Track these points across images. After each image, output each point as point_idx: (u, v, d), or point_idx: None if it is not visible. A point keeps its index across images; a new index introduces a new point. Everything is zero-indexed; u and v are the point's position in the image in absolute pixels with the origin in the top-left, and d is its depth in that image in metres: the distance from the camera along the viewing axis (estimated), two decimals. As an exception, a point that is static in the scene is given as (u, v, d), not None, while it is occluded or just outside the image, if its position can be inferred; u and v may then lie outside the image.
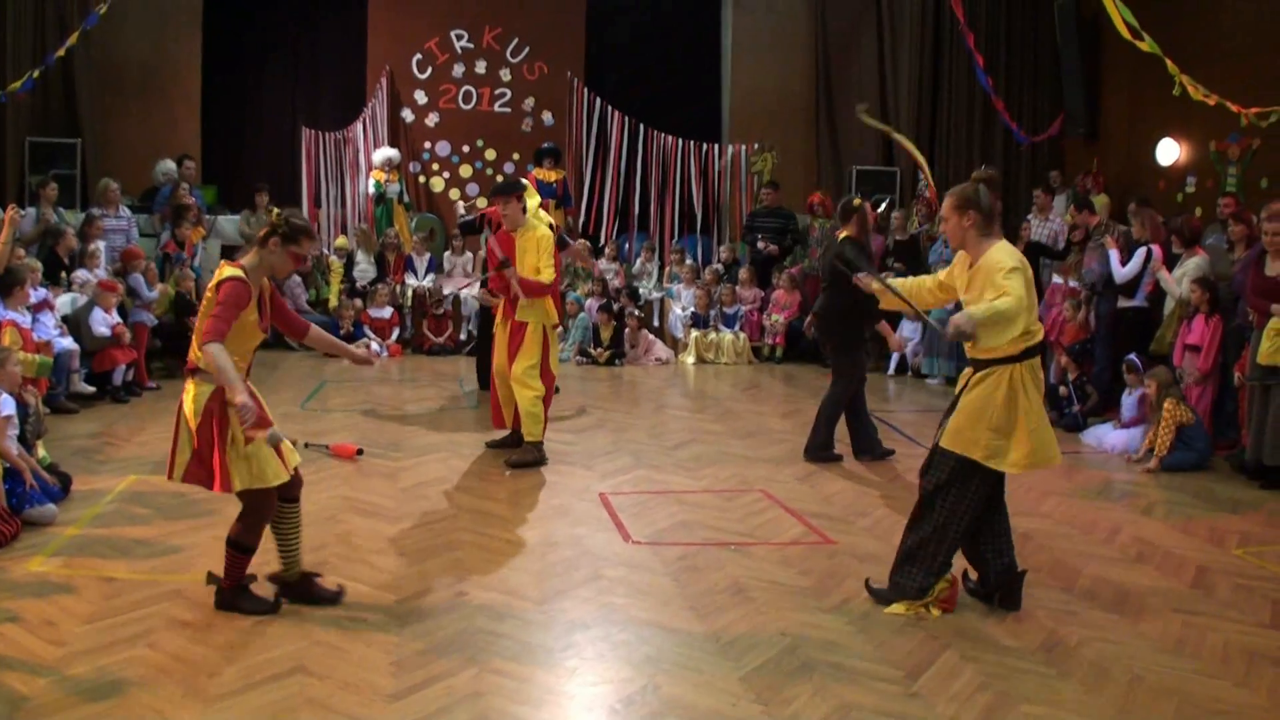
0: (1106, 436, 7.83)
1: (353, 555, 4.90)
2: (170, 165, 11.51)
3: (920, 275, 4.91)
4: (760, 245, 12.31)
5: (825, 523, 5.68)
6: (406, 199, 12.77)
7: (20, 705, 3.38)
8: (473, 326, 11.78)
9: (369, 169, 12.52)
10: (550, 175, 11.84)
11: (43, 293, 8.02)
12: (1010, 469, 4.26)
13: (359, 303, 11.62)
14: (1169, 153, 11.11)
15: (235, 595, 4.19)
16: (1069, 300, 9.14)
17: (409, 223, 12.61)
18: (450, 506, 5.82)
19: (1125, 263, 8.37)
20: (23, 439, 5.47)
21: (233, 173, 12.95)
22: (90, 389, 8.28)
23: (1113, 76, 12.09)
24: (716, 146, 13.51)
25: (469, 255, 12.27)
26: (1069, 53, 12.19)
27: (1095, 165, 12.01)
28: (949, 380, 9.91)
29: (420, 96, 13.20)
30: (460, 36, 13.22)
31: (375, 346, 10.94)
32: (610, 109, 13.29)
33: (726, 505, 5.98)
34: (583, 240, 10.70)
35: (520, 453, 6.78)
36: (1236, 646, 4.17)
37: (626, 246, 13.26)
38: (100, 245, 9.46)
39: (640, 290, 12.31)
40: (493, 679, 3.69)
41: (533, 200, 6.91)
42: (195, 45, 12.67)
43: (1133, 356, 7.89)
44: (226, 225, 11.89)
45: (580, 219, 13.17)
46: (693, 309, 11.89)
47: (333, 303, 11.74)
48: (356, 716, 3.41)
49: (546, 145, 11.98)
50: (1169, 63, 8.49)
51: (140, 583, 4.48)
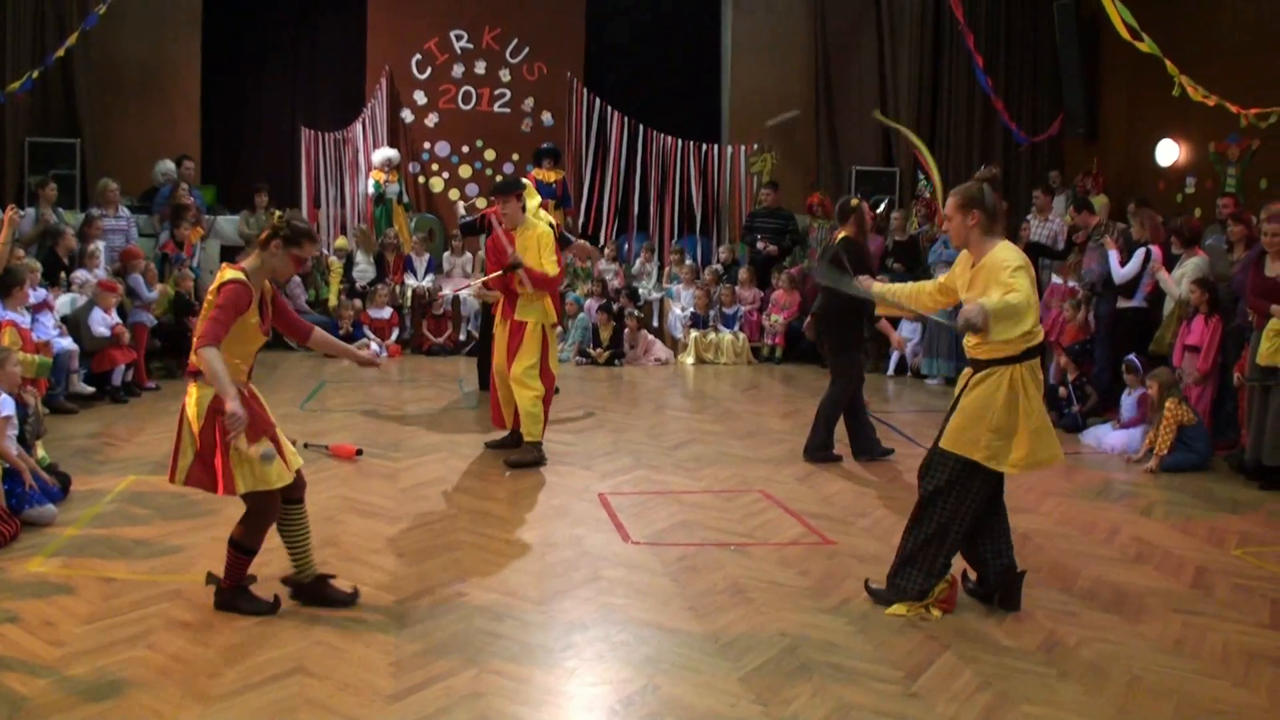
0: (1106, 437, 7.84)
1: (352, 556, 4.90)
2: (169, 165, 11.52)
3: (919, 274, 4.92)
4: (760, 245, 12.32)
5: (824, 523, 5.68)
6: (406, 199, 12.77)
7: (20, 706, 3.38)
8: (472, 327, 11.79)
9: (368, 169, 12.52)
10: (550, 176, 11.84)
11: (42, 293, 8.02)
12: (1011, 470, 4.26)
13: (358, 303, 11.62)
14: (1168, 153, 11.11)
15: (235, 596, 4.19)
16: (1068, 300, 9.15)
17: (408, 223, 12.61)
18: (449, 507, 5.82)
19: (1124, 263, 8.38)
20: (22, 439, 5.47)
21: (232, 173, 12.95)
22: (89, 389, 8.28)
23: (1112, 77, 12.09)
24: (716, 147, 13.52)
25: (468, 256, 12.27)
26: (1068, 53, 12.19)
27: (1095, 165, 12.00)
28: (948, 380, 9.91)
29: (420, 97, 13.20)
30: (460, 37, 13.23)
31: (375, 347, 10.93)
32: (610, 109, 13.29)
33: (726, 506, 5.98)
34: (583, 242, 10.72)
35: (520, 453, 6.78)
36: (1236, 647, 4.18)
37: (626, 247, 13.26)
38: (100, 245, 9.46)
39: (640, 290, 12.31)
40: (492, 679, 3.69)
41: (533, 200, 6.90)
42: (194, 45, 12.67)
43: (1132, 357, 7.90)
44: (226, 225, 11.90)
45: (580, 219, 13.17)
46: (692, 309, 11.88)
47: (332, 303, 11.74)
48: (356, 717, 3.41)
49: (546, 146, 11.98)
50: (1168, 63, 8.49)
51: (140, 583, 4.48)
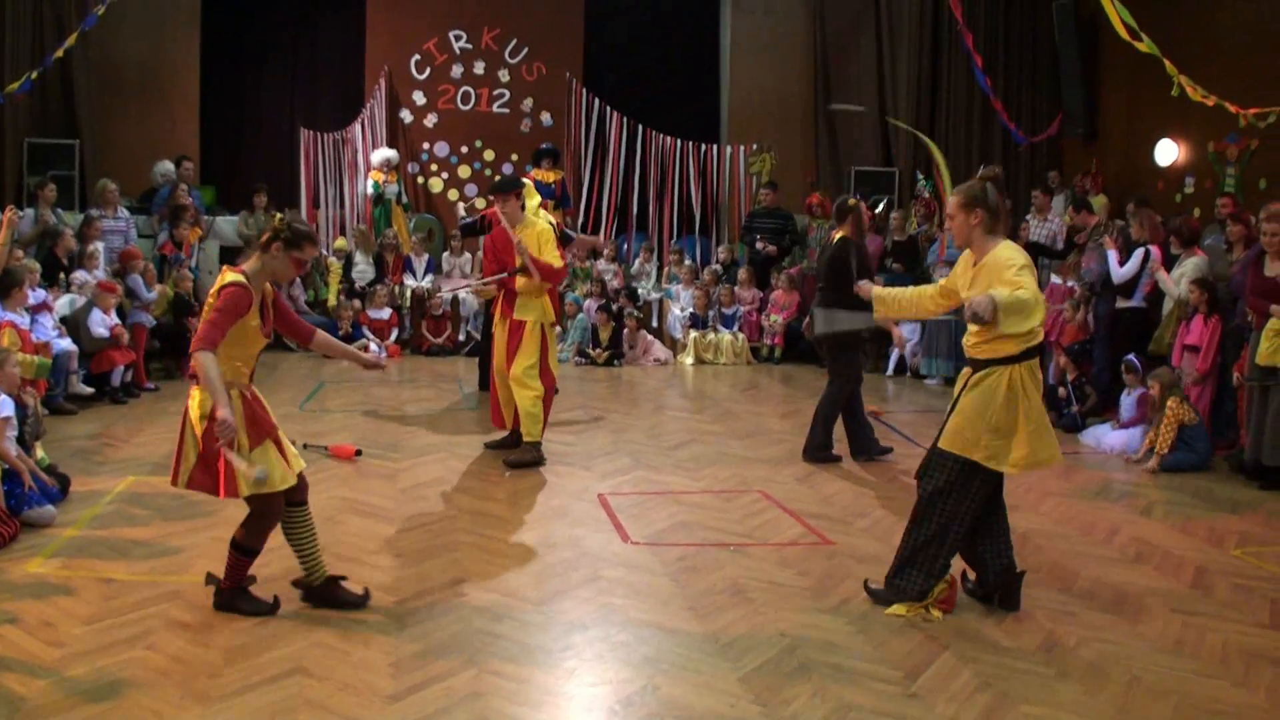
0: (1105, 437, 7.84)
1: (351, 556, 4.90)
2: (169, 166, 11.52)
3: (919, 274, 4.92)
4: (759, 246, 12.32)
5: (824, 523, 5.68)
6: (405, 200, 12.78)
7: (19, 706, 3.37)
8: (472, 328, 11.80)
9: (367, 170, 12.53)
10: (549, 176, 11.83)
11: (41, 294, 8.01)
12: (1011, 470, 4.26)
13: (357, 303, 11.62)
14: (1167, 153, 11.12)
15: (234, 596, 4.19)
16: (1068, 300, 9.15)
17: (407, 223, 12.62)
18: (449, 507, 5.81)
19: (1123, 263, 8.38)
20: (21, 440, 5.47)
21: (231, 173, 12.95)
22: (89, 390, 8.28)
23: (1111, 77, 12.10)
24: (715, 147, 13.52)
25: (467, 256, 12.27)
26: (1068, 53, 12.20)
27: (1094, 166, 12.01)
28: (948, 381, 9.92)
29: (419, 97, 13.20)
30: (459, 37, 13.23)
31: (374, 347, 10.94)
32: (609, 109, 13.30)
33: (725, 506, 5.98)
34: (583, 235, 10.77)
35: (519, 453, 6.78)
36: (1235, 647, 4.18)
37: (625, 247, 13.26)
38: (99, 246, 9.46)
39: (639, 291, 12.31)
40: (491, 680, 3.69)
41: (532, 200, 6.91)
42: (194, 46, 12.68)
43: (1131, 357, 7.91)
44: (225, 226, 11.90)
45: (579, 220, 13.17)
46: (691, 309, 11.89)
47: (331, 303, 11.74)
48: (355, 718, 3.41)
49: (545, 146, 11.98)
50: (1167, 63, 8.49)
51: (139, 584, 4.48)
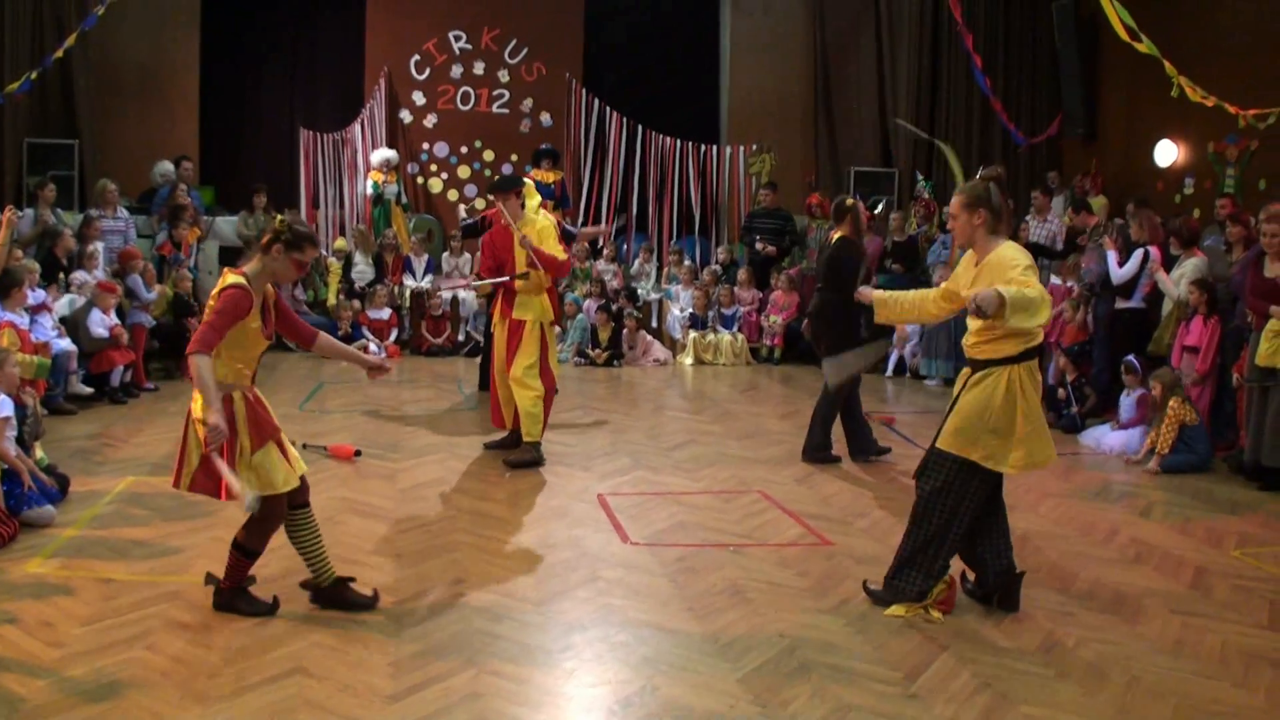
0: (1105, 438, 7.84)
1: (351, 557, 4.89)
2: (168, 166, 11.52)
3: (918, 275, 4.92)
4: (758, 246, 12.32)
5: (823, 524, 5.68)
6: (404, 200, 12.77)
7: (18, 707, 3.37)
8: (471, 328, 11.80)
9: (367, 170, 12.53)
10: (548, 176, 11.83)
11: (41, 294, 8.01)
12: (1009, 470, 4.26)
13: (357, 304, 11.62)
14: (1167, 154, 11.12)
15: (234, 596, 4.19)
16: (1067, 300, 9.15)
17: (407, 224, 12.61)
18: (448, 508, 5.81)
19: (1123, 264, 8.38)
20: (21, 440, 5.47)
21: (231, 174, 12.95)
22: (88, 390, 8.28)
23: (1111, 77, 12.10)
24: (715, 147, 13.52)
25: (467, 256, 12.26)
26: (1067, 53, 12.20)
27: (1094, 166, 12.01)
28: (947, 381, 9.92)
29: (418, 97, 13.20)
30: (459, 37, 13.23)
31: (373, 348, 10.93)
32: (608, 110, 13.30)
33: (725, 506, 5.98)
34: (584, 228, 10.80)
35: (519, 452, 6.78)
36: (1234, 647, 4.18)
37: (625, 247, 13.26)
38: (99, 246, 9.45)
39: (638, 291, 12.31)
40: (491, 680, 3.69)
41: (533, 200, 6.92)
42: (193, 46, 12.68)
43: (1131, 358, 7.91)
44: (224, 226, 11.90)
45: (579, 220, 13.17)
46: (691, 310, 11.88)
47: (331, 303, 11.74)
48: (355, 718, 3.41)
49: (544, 146, 11.99)
50: (1167, 64, 8.50)
51: (138, 584, 4.48)
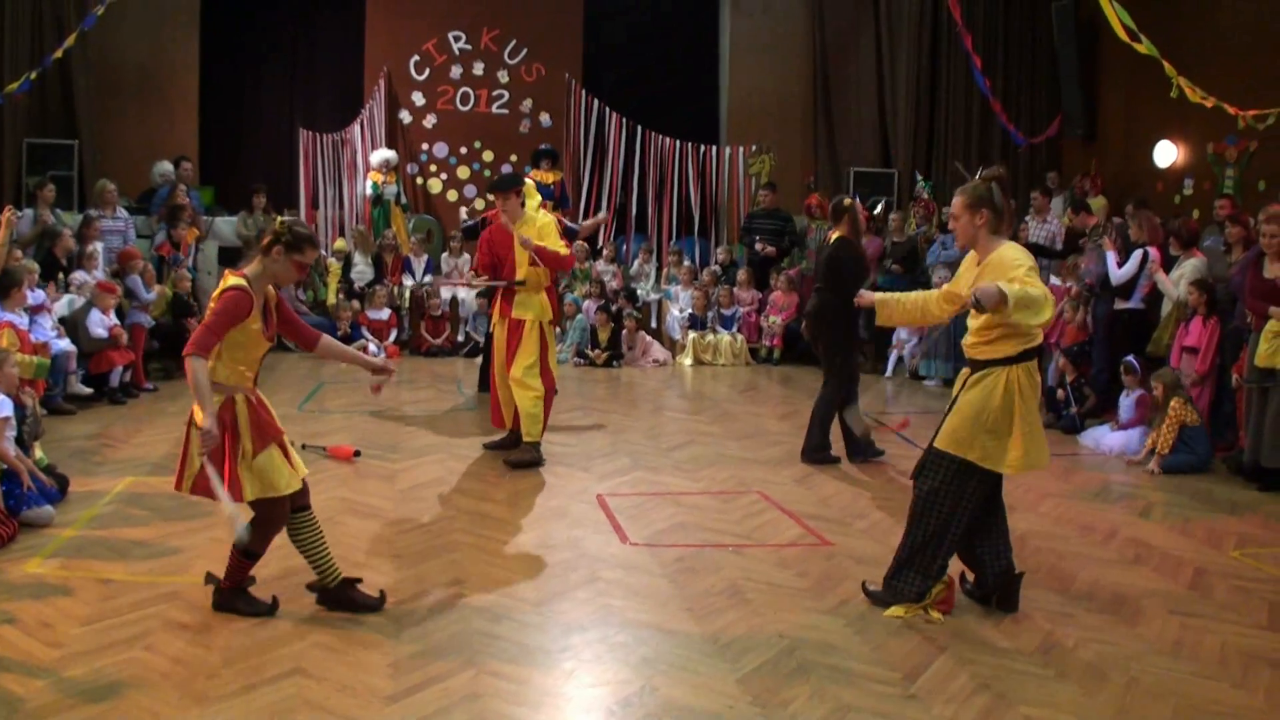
0: (1104, 438, 7.84)
1: (350, 557, 4.88)
2: (168, 166, 11.52)
3: (918, 276, 4.91)
4: (758, 247, 12.32)
5: (822, 524, 5.68)
6: (404, 200, 12.78)
7: (17, 707, 3.37)
8: (470, 328, 11.80)
9: (366, 170, 12.53)
10: (548, 177, 11.82)
11: (40, 294, 8.01)
12: (1006, 470, 4.26)
13: (356, 304, 11.62)
14: (1166, 154, 11.12)
15: (233, 597, 4.19)
16: (1066, 300, 9.15)
17: (406, 224, 12.62)
18: (448, 508, 5.81)
19: (1122, 264, 8.38)
20: (20, 440, 5.46)
21: (230, 174, 12.96)
22: (87, 390, 8.28)
23: (1110, 78, 12.10)
24: (714, 148, 13.52)
25: (466, 257, 12.26)
26: (1067, 54, 12.20)
27: (1093, 167, 12.01)
28: (946, 382, 9.91)
29: (418, 98, 13.20)
30: (458, 38, 13.24)
31: (373, 348, 10.94)
32: (608, 110, 13.30)
33: (724, 507, 5.98)
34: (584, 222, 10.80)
35: (519, 453, 6.78)
36: (1234, 648, 4.18)
37: (624, 248, 13.26)
38: (98, 247, 9.45)
39: (638, 292, 12.32)
40: (490, 681, 3.69)
41: (533, 199, 6.93)
42: (193, 46, 12.69)
43: (1130, 358, 7.91)
44: (224, 226, 11.90)
45: (578, 221, 13.16)
46: (690, 310, 11.89)
47: (330, 303, 11.74)
48: (354, 718, 3.41)
49: (544, 147, 11.99)
50: (1166, 65, 8.50)
51: (138, 584, 4.47)
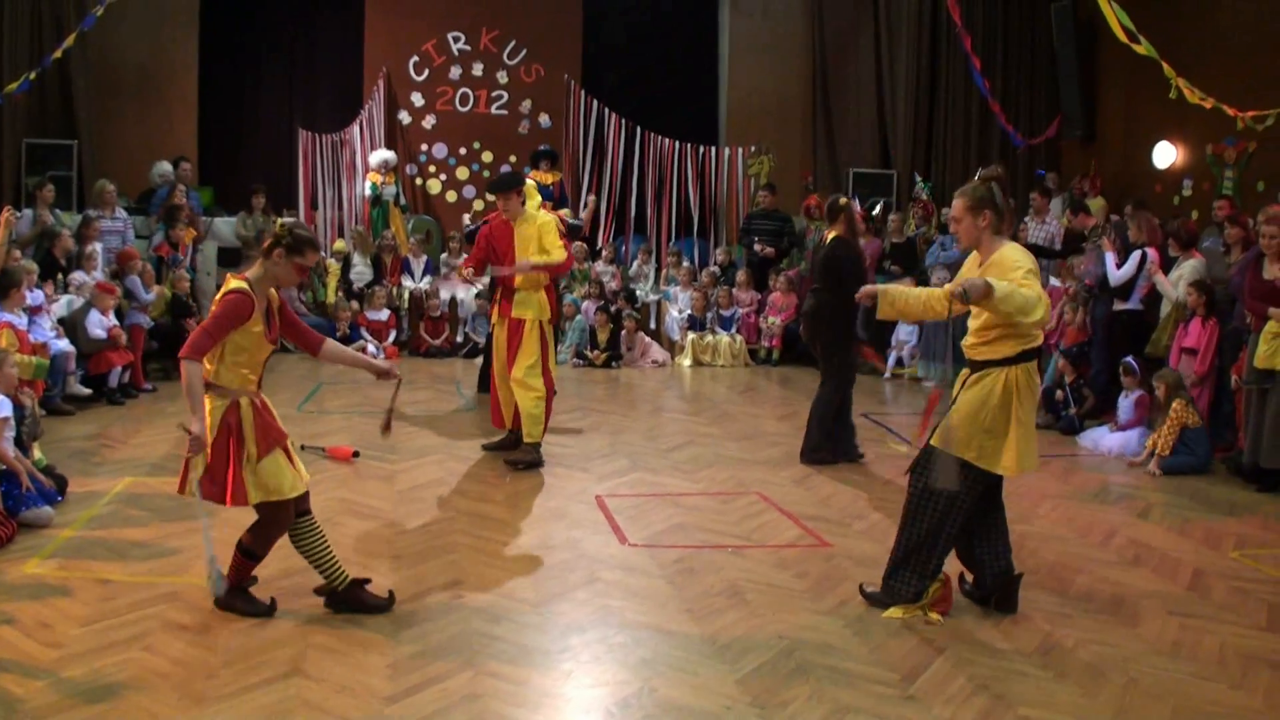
0: (1103, 439, 7.84)
1: (349, 558, 4.88)
2: (167, 167, 11.51)
3: (917, 276, 4.92)
4: (757, 248, 12.32)
5: (821, 525, 5.68)
6: (403, 201, 12.77)
7: (16, 707, 3.37)
8: (469, 329, 11.79)
9: (366, 171, 12.53)
10: (547, 178, 11.81)
11: (39, 295, 8.00)
12: (1004, 471, 4.26)
13: (355, 305, 11.61)
14: (1165, 155, 11.13)
15: (233, 596, 4.20)
16: (1065, 299, 9.15)
17: (405, 225, 12.61)
18: (447, 509, 5.81)
19: (1121, 265, 8.38)
20: (19, 441, 5.46)
21: (230, 174, 12.94)
22: (86, 391, 8.27)
23: (1109, 79, 12.10)
24: (713, 149, 13.52)
25: (466, 258, 12.25)
26: (1066, 55, 12.21)
27: (1093, 168, 12.01)
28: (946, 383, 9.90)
29: (417, 99, 13.20)
30: (457, 39, 13.23)
31: (372, 349, 10.94)
32: (607, 111, 13.30)
33: (723, 508, 5.98)
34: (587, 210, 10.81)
35: (519, 453, 6.79)
36: (1233, 649, 4.18)
37: (624, 249, 13.26)
38: (97, 247, 9.45)
39: (637, 292, 12.31)
40: (489, 682, 3.69)
41: (533, 199, 6.94)
42: (192, 47, 12.68)
43: (1129, 359, 7.91)
44: (223, 227, 11.90)
45: (578, 217, 13.18)
46: (689, 311, 11.88)
47: (329, 304, 11.73)
48: (353, 719, 3.41)
49: (543, 147, 11.98)
50: (1165, 65, 8.50)
51: (137, 585, 4.47)
